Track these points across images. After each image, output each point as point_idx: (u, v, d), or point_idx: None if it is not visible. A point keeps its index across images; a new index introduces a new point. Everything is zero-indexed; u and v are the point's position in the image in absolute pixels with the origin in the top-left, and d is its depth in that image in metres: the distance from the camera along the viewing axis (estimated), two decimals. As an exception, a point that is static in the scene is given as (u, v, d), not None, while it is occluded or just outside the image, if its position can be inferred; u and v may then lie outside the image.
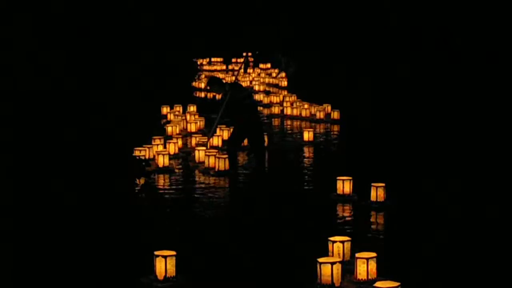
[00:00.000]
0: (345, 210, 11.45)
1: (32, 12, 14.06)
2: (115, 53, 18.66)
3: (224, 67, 40.70)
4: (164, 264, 7.75)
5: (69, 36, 14.89)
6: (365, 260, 7.85)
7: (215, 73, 38.05)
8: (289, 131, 20.23)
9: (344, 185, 11.81)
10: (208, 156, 14.53)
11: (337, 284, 7.69)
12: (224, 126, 16.74)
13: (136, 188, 12.37)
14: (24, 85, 13.01)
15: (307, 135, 17.35)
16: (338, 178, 11.94)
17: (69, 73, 14.21)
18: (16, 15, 13.82)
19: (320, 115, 21.37)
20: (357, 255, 8.00)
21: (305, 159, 16.15)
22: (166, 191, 13.04)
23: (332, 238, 8.48)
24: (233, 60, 41.85)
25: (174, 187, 13.48)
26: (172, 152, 15.65)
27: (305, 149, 16.80)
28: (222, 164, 14.07)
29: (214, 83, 14.35)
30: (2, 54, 13.13)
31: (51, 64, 13.62)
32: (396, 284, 7.27)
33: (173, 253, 7.93)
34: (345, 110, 21.12)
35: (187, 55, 34.38)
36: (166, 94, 23.74)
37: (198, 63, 41.17)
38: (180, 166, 15.08)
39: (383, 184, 11.45)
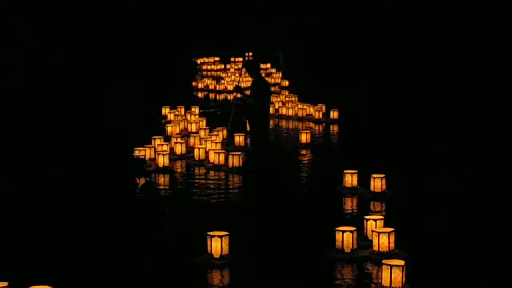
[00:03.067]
0: (353, 201, 12.09)
1: (33, 13, 14.10)
2: (116, 53, 18.69)
3: (222, 66, 40.74)
4: (220, 244, 8.63)
5: (69, 36, 14.94)
6: (377, 234, 8.93)
7: (218, 72, 38.02)
8: (284, 132, 20.23)
9: (352, 178, 12.44)
10: (219, 153, 14.76)
11: (347, 250, 8.89)
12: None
13: (137, 188, 12.43)
14: (25, 85, 13.06)
15: (305, 137, 17.27)
16: (345, 171, 12.52)
17: (70, 73, 14.26)
18: (17, 15, 13.86)
19: (319, 115, 21.37)
20: (373, 230, 9.05)
21: (305, 158, 16.20)
22: (182, 188, 13.37)
23: (367, 217, 9.54)
24: (232, 59, 41.88)
25: (191, 184, 13.71)
26: (178, 153, 15.74)
27: (305, 150, 16.79)
28: (236, 160, 14.38)
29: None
30: (3, 54, 13.18)
31: (51, 64, 13.67)
32: (401, 262, 7.88)
33: (227, 233, 8.78)
34: (343, 109, 21.16)
35: (187, 55, 34.36)
36: (166, 94, 23.78)
37: (198, 62, 41.20)
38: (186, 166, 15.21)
39: (383, 175, 12.04)
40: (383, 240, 8.84)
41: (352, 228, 9.05)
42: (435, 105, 21.66)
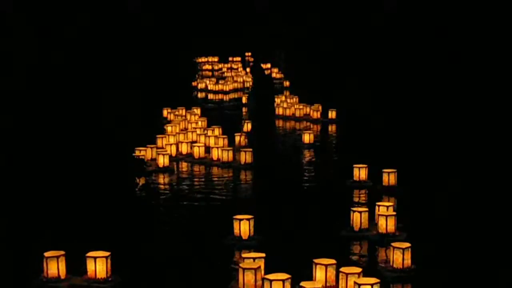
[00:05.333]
0: (361, 193, 12.62)
1: (32, 13, 14.15)
2: (116, 53, 18.69)
3: (221, 66, 40.67)
4: (248, 226, 9.51)
5: (70, 36, 14.97)
6: (377, 216, 9.83)
7: (219, 72, 37.98)
8: (282, 131, 20.24)
9: (360, 172, 12.94)
10: (228, 151, 15.07)
11: (356, 228, 9.84)
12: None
13: (138, 187, 12.45)
14: (25, 85, 13.10)
15: (308, 137, 17.21)
16: (354, 166, 13.00)
17: (70, 73, 14.30)
18: (15, 15, 13.91)
19: (317, 115, 21.33)
20: (378, 213, 9.90)
21: (308, 157, 16.30)
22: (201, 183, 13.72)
23: (379, 203, 10.32)
24: (230, 59, 41.87)
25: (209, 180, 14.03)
26: (184, 152, 15.81)
27: (308, 150, 16.85)
28: (248, 157, 14.75)
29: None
30: (2, 54, 13.22)
31: (52, 64, 13.72)
32: (407, 244, 8.54)
33: (251, 216, 9.68)
34: (342, 109, 21.19)
35: (187, 55, 34.41)
36: (167, 95, 23.77)
37: (199, 61, 41.14)
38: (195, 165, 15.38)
39: (393, 170, 12.52)
40: (382, 222, 9.65)
41: (361, 209, 10.02)
42: (435, 105, 21.68)
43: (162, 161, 14.58)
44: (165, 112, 21.28)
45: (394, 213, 9.75)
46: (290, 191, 12.67)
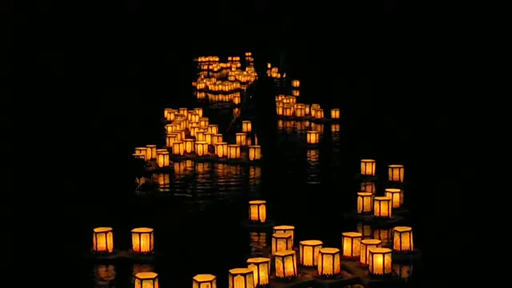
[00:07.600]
0: (367, 187, 12.99)
1: (32, 13, 14.10)
2: (116, 53, 18.64)
3: (221, 65, 40.66)
4: (265, 210, 10.27)
5: (70, 36, 14.93)
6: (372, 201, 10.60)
7: (226, 71, 37.98)
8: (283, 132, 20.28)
9: (367, 167, 13.27)
10: (235, 148, 15.18)
11: (359, 211, 10.59)
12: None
13: (138, 187, 12.44)
14: (26, 85, 13.06)
15: (314, 137, 17.15)
16: (361, 160, 13.29)
17: (70, 74, 14.27)
18: (15, 16, 13.86)
19: (320, 114, 21.27)
20: (375, 198, 10.43)
21: (314, 156, 16.34)
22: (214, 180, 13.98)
23: (388, 190, 10.79)
24: (229, 58, 41.85)
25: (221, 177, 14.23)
26: (188, 151, 15.85)
27: (314, 151, 16.86)
28: (257, 153, 14.84)
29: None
30: (3, 54, 13.18)
31: (52, 64, 13.68)
32: (408, 228, 8.98)
33: (265, 201, 10.36)
34: (343, 109, 21.18)
35: (187, 55, 34.38)
36: (167, 95, 23.79)
37: (199, 61, 41.13)
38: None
39: (401, 166, 12.79)
40: (376, 207, 10.33)
41: (365, 194, 10.71)
42: (436, 104, 21.67)
43: (162, 161, 14.56)
44: (166, 113, 21.26)
45: (388, 198, 10.39)
46: (297, 184, 13.16)
